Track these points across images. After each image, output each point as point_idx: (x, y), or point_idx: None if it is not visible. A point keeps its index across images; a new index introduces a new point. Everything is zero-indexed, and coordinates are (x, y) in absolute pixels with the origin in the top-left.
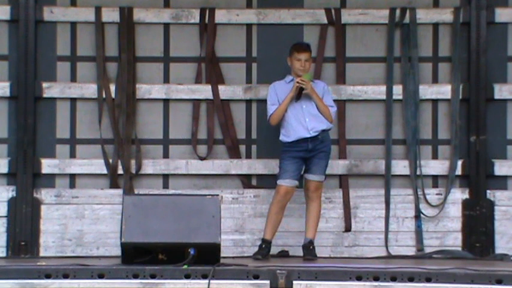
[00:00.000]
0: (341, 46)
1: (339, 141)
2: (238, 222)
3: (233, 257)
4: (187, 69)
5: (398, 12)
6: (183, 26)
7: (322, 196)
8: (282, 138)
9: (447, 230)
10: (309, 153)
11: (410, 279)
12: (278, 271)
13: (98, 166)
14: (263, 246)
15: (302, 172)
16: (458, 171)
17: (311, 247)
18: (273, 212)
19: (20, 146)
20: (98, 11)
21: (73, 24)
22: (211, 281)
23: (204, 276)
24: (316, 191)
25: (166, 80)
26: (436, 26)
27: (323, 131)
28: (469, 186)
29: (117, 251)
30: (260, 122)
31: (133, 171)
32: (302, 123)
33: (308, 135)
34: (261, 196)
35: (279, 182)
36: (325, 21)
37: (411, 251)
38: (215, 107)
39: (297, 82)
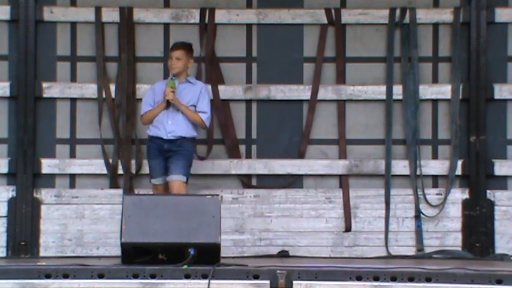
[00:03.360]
0: (341, 46)
1: (339, 141)
2: (238, 222)
3: (233, 257)
4: None
5: (398, 12)
6: (183, 26)
7: (322, 196)
8: (147, 130)
9: (447, 230)
10: (165, 153)
11: (410, 279)
12: (278, 271)
13: (98, 166)
14: None
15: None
16: (458, 171)
17: None
18: None
19: (20, 146)
20: (98, 11)
21: (73, 24)
22: (211, 281)
23: (204, 276)
24: (180, 191)
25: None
26: (436, 26)
27: (183, 138)
28: (469, 186)
29: (117, 251)
30: (260, 122)
31: (133, 171)
32: (163, 123)
33: (165, 137)
34: (261, 196)
35: (152, 180)
36: (325, 21)
37: (411, 251)
38: (215, 107)
39: (166, 97)
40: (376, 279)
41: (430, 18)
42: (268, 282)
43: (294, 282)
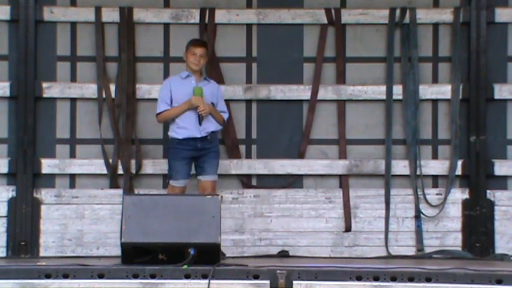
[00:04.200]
0: (341, 46)
1: (339, 141)
2: (238, 222)
3: (233, 257)
4: None
5: (398, 12)
6: (183, 26)
7: (322, 196)
8: (170, 133)
9: (447, 230)
10: (198, 152)
11: (410, 279)
12: (278, 271)
13: (98, 166)
14: None
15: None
16: (458, 171)
17: None
18: None
19: (20, 146)
20: (98, 11)
21: (73, 24)
22: (211, 281)
23: (204, 276)
24: (213, 191)
25: None
26: (436, 26)
27: (212, 132)
28: (469, 186)
29: (117, 251)
30: (260, 122)
31: (133, 171)
32: (194, 122)
33: (199, 135)
34: (261, 196)
35: (171, 182)
36: (325, 21)
37: (411, 251)
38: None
39: (199, 111)
40: (376, 279)
41: (430, 18)
42: (268, 282)
43: (294, 282)
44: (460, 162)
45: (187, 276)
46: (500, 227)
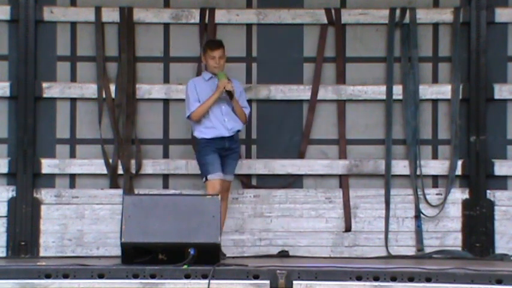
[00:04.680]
0: (341, 46)
1: (339, 141)
2: (238, 222)
3: (233, 257)
4: (187, 69)
5: (398, 12)
6: (183, 26)
7: (322, 196)
8: (198, 134)
9: (447, 230)
10: (224, 152)
11: (410, 279)
12: (278, 271)
13: (98, 166)
14: None
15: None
16: (458, 171)
17: None
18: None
19: (20, 146)
20: (98, 11)
21: (73, 24)
22: (211, 281)
23: (204, 276)
24: (228, 191)
25: (166, 80)
26: (436, 26)
27: (238, 131)
28: (469, 186)
29: (117, 251)
30: (260, 122)
31: (133, 171)
32: (222, 122)
33: (227, 135)
34: (261, 196)
35: (209, 177)
36: (325, 21)
37: (411, 251)
38: None
39: (227, 89)
40: (376, 279)
41: (430, 18)
42: (268, 282)
43: (294, 282)
44: (460, 162)
45: (187, 276)
46: (500, 227)
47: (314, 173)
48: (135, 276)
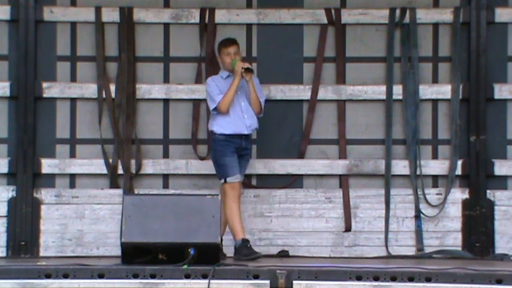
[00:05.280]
0: (341, 46)
1: (339, 141)
2: None
3: (233, 257)
4: (187, 69)
5: (398, 12)
6: (183, 26)
7: (322, 196)
8: (217, 129)
9: (447, 230)
10: (240, 152)
11: (410, 279)
12: (278, 271)
13: (98, 166)
14: (249, 245)
15: None
16: (458, 171)
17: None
18: (237, 211)
19: (20, 146)
20: (98, 11)
21: (73, 24)
22: (211, 281)
23: (204, 276)
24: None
25: (166, 80)
26: (436, 26)
27: (255, 129)
28: (469, 186)
29: (117, 251)
30: (260, 122)
31: (133, 171)
32: (241, 119)
33: (246, 132)
34: (261, 196)
35: (229, 179)
36: (325, 21)
37: (411, 251)
38: None
39: (245, 67)
40: (376, 279)
41: (430, 18)
42: (268, 282)
43: (294, 282)
44: (460, 162)
45: (187, 276)
46: (500, 227)
47: (314, 173)
48: (135, 276)
